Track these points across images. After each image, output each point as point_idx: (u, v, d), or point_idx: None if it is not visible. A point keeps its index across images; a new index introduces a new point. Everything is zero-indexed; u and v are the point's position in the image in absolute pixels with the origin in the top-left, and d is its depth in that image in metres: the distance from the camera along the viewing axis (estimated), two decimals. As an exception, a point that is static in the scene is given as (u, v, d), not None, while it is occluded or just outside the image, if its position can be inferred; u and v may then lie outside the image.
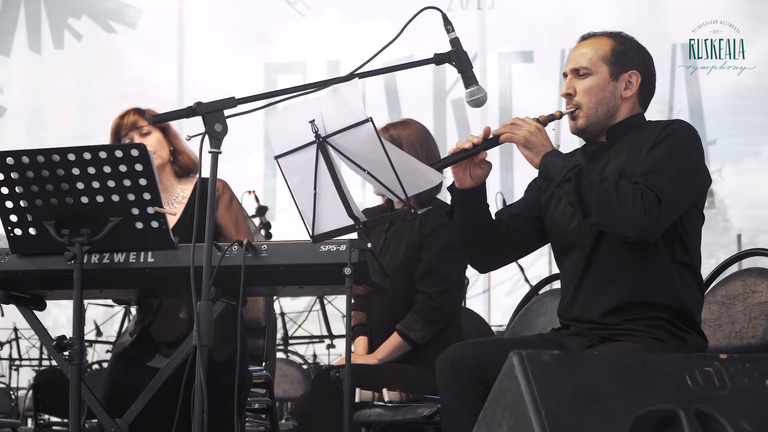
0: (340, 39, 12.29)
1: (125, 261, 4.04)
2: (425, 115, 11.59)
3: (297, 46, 12.38)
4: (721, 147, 11.53)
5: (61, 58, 12.66)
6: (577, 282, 3.66)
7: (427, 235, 4.65)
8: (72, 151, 3.88)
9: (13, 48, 12.73)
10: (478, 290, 10.94)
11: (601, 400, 2.50)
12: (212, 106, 3.32)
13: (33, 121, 12.88)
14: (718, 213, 11.76)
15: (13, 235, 4.05)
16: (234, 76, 12.39)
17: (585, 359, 2.60)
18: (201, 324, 3.28)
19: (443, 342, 4.50)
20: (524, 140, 3.56)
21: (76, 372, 3.92)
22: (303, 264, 3.88)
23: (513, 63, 11.96)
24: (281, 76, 12.25)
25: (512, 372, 2.49)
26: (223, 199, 4.71)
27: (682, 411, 2.52)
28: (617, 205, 3.40)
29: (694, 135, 3.59)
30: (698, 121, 11.33)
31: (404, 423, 4.18)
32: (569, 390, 2.49)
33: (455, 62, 3.56)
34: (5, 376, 10.56)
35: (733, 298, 3.92)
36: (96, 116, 12.42)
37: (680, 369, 2.60)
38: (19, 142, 12.42)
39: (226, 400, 4.15)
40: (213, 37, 12.81)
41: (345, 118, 3.40)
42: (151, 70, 13.08)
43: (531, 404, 2.43)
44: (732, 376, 2.62)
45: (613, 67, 3.70)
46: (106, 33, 12.60)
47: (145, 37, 12.98)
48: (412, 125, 4.83)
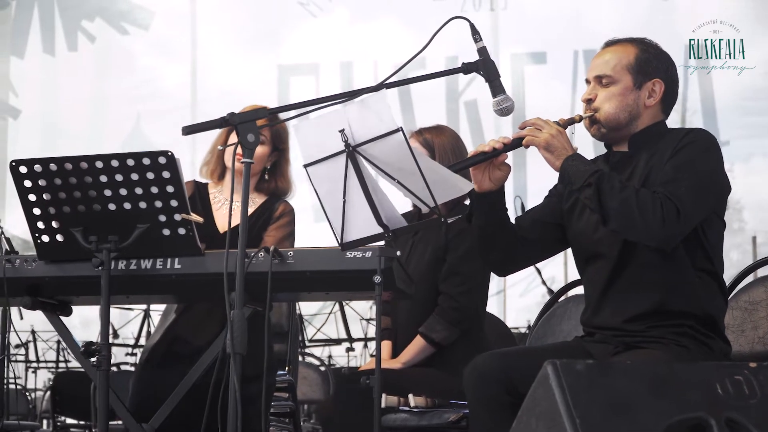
0: (351, 40, 12.33)
1: (152, 267, 4.07)
2: (438, 116, 11.63)
3: (309, 47, 12.41)
4: (733, 147, 11.55)
5: (75, 59, 12.71)
6: (602, 291, 3.68)
7: (452, 237, 4.68)
8: (100, 158, 3.91)
9: (27, 50, 12.79)
10: (492, 291, 10.93)
11: (633, 409, 2.53)
12: (245, 116, 3.35)
13: (47, 122, 12.93)
14: (732, 213, 11.78)
15: (40, 241, 4.09)
16: (246, 77, 12.43)
17: (617, 369, 2.63)
18: (235, 332, 3.31)
19: (467, 345, 4.56)
20: (545, 143, 3.58)
21: (104, 378, 3.95)
22: (329, 271, 3.91)
23: (525, 64, 12.00)
24: (294, 77, 12.29)
25: (546, 381, 2.53)
26: (280, 220, 4.74)
27: (712, 419, 2.55)
28: (637, 214, 3.42)
29: (714, 143, 3.61)
30: (711, 121, 11.36)
31: (430, 428, 4.21)
32: (602, 399, 2.52)
33: (483, 71, 3.60)
34: (21, 378, 10.61)
35: (756, 303, 3.94)
36: (109, 117, 12.49)
37: (710, 378, 2.63)
38: (32, 143, 12.47)
39: (251, 405, 4.19)
40: (225, 39, 12.85)
41: (375, 127, 3.44)
42: (163, 72, 13.13)
43: (565, 412, 2.47)
44: (762, 385, 2.66)
45: (637, 75, 3.71)
46: (119, 35, 12.65)
47: (158, 39, 13.03)
48: (445, 132, 4.88)
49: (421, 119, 11.61)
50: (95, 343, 3.99)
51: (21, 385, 10.35)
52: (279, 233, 4.71)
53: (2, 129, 12.88)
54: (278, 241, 4.65)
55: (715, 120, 11.37)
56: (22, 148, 12.53)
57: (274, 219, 4.73)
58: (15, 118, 12.85)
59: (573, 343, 3.79)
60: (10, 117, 12.85)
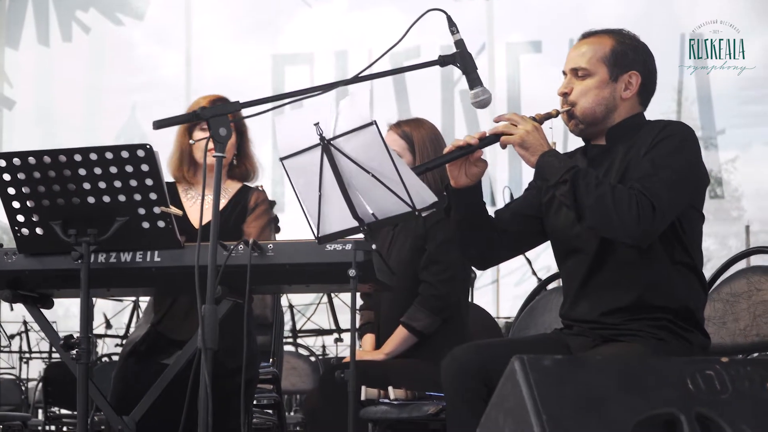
0: (347, 29, 12.30)
1: (132, 260, 4.05)
2: (433, 106, 11.62)
3: (304, 36, 12.38)
4: (730, 135, 11.52)
5: (70, 50, 12.71)
6: (581, 284, 3.66)
7: (432, 226, 4.68)
8: (78, 151, 3.90)
9: (21, 41, 12.78)
10: (487, 281, 10.95)
11: (603, 405, 2.51)
12: (217, 110, 3.34)
13: (42, 113, 12.93)
14: (730, 202, 11.76)
15: (20, 235, 4.07)
16: (241, 67, 12.41)
17: (586, 364, 2.61)
18: (206, 327, 3.29)
19: (448, 335, 4.56)
20: (521, 140, 3.54)
21: (83, 371, 3.95)
22: (309, 263, 3.90)
23: (521, 53, 11.97)
24: (288, 66, 12.27)
25: (514, 377, 2.51)
26: (256, 210, 4.74)
27: (683, 415, 2.53)
28: (613, 212, 3.39)
29: (691, 136, 3.58)
30: (707, 110, 11.33)
31: (410, 420, 4.21)
32: (571, 395, 2.50)
33: (460, 63, 3.57)
34: (15, 368, 10.61)
35: (738, 295, 3.93)
36: (105, 108, 12.48)
37: (682, 373, 2.61)
38: (28, 134, 12.48)
39: (233, 397, 4.18)
40: (220, 28, 12.82)
41: (350, 121, 3.42)
42: (158, 62, 13.12)
43: (532, 409, 2.45)
44: (733, 380, 2.63)
45: (613, 68, 3.68)
46: (114, 25, 12.63)
47: (153, 29, 13.02)
48: (424, 125, 4.85)
49: (416, 108, 11.60)
50: (74, 337, 3.99)
51: (15, 376, 10.37)
52: (259, 223, 4.71)
53: (-3, 120, 12.90)
54: (260, 230, 4.66)
55: (711, 108, 11.33)
56: (18, 139, 12.54)
57: (250, 210, 4.74)
58: (10, 109, 12.84)
59: (552, 335, 3.78)
60: (5, 108, 12.85)
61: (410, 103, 11.75)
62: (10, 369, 10.71)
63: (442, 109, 11.67)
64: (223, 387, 4.23)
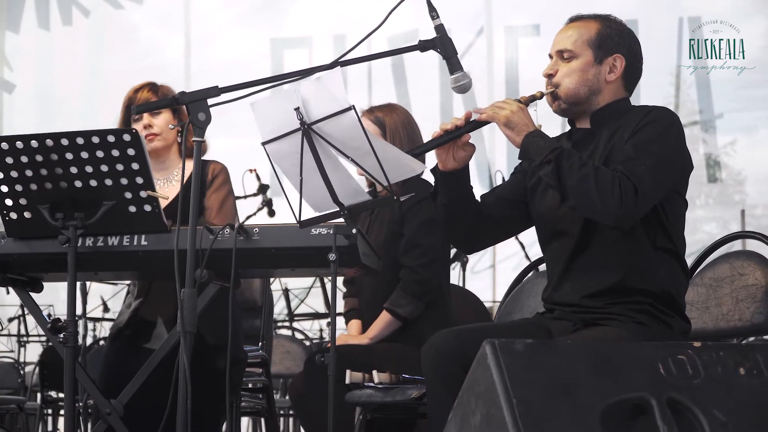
0: (346, 13, 12.27)
1: (119, 244, 4.09)
2: (432, 89, 11.60)
3: (304, 20, 12.37)
4: (730, 120, 11.51)
5: (70, 34, 12.68)
6: (564, 267, 3.68)
7: (407, 210, 4.70)
8: (65, 135, 3.92)
9: (21, 25, 12.76)
10: (485, 265, 10.97)
11: (573, 389, 2.53)
12: (195, 95, 3.35)
13: (42, 97, 12.92)
14: (733, 185, 11.74)
15: (8, 218, 4.10)
16: (241, 50, 12.38)
17: (557, 348, 2.63)
18: (185, 311, 3.31)
19: (431, 317, 4.61)
20: (505, 119, 3.56)
21: (70, 354, 3.98)
22: (294, 247, 3.94)
23: (519, 36, 11.95)
24: (287, 50, 12.25)
25: (485, 361, 2.53)
26: (214, 183, 4.74)
27: (654, 399, 2.55)
28: (595, 192, 3.41)
29: (675, 121, 3.60)
30: (705, 95, 11.32)
31: (394, 404, 4.23)
32: (541, 379, 2.52)
33: (440, 48, 3.58)
34: (14, 351, 10.63)
35: (721, 280, 3.93)
36: (105, 92, 12.45)
37: (653, 357, 2.63)
38: (28, 118, 12.47)
39: (220, 381, 4.20)
40: (220, 12, 12.79)
41: (329, 105, 3.44)
42: (158, 45, 13.10)
43: (503, 393, 2.47)
44: (706, 365, 2.65)
45: (597, 50, 3.70)
46: (113, 9, 12.60)
47: (153, 12, 13.00)
48: (397, 110, 4.89)
49: (414, 93, 11.61)
50: (62, 320, 4.01)
51: (13, 359, 10.38)
52: (219, 195, 4.72)
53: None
54: (221, 203, 4.68)
55: (709, 92, 11.32)
56: (18, 122, 12.54)
57: (208, 184, 4.72)
58: (10, 92, 12.84)
59: (533, 319, 3.80)
60: (5, 92, 12.84)
61: (409, 86, 11.73)
62: (8, 353, 10.72)
63: (441, 92, 11.64)
64: (209, 369, 4.26)
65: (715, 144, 11.45)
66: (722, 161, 11.57)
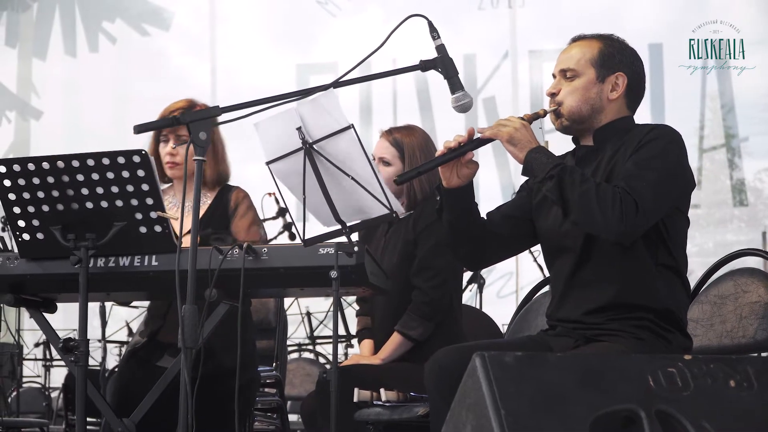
0: (371, 38, 12.33)
1: (130, 264, 4.13)
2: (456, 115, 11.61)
3: (329, 46, 12.45)
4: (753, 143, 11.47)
5: (96, 61, 12.82)
6: (566, 284, 3.71)
7: (421, 231, 4.72)
8: (76, 157, 3.97)
9: (48, 52, 12.91)
10: (510, 290, 10.97)
11: (562, 402, 2.54)
12: (197, 115, 3.40)
13: (69, 124, 13.04)
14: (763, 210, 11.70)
15: (21, 239, 4.15)
16: (267, 76, 12.48)
17: (547, 361, 2.65)
18: (186, 327, 3.35)
19: (441, 338, 4.61)
20: (508, 136, 3.61)
21: (81, 373, 4.03)
22: (302, 267, 3.96)
23: (545, 61, 11.98)
24: (313, 76, 12.32)
25: (475, 373, 2.55)
26: (239, 210, 4.79)
27: (643, 411, 2.56)
28: (597, 207, 3.44)
29: (677, 139, 3.62)
30: (731, 118, 11.31)
31: (401, 422, 4.25)
32: (530, 391, 2.54)
33: (441, 68, 3.63)
34: (40, 376, 10.70)
35: (725, 297, 3.95)
36: (132, 118, 12.44)
37: (643, 370, 2.64)
38: (55, 145, 12.54)
39: (232, 401, 4.23)
40: (246, 38, 12.90)
41: (329, 125, 3.49)
42: (185, 72, 13.21)
43: (491, 405, 2.49)
44: (695, 377, 2.66)
45: (600, 69, 3.74)
46: (140, 36, 12.74)
47: (179, 39, 13.12)
48: (415, 132, 4.90)
49: (440, 118, 11.64)
50: (74, 339, 4.05)
51: (40, 384, 10.46)
52: (245, 222, 4.77)
53: (25, 130, 13.00)
54: (248, 228, 4.71)
55: (734, 116, 11.31)
56: (46, 148, 12.62)
57: (231, 211, 4.78)
58: (37, 119, 12.97)
59: (536, 337, 3.83)
60: (32, 118, 12.98)
61: (434, 111, 11.78)
62: (35, 377, 10.80)
63: (466, 117, 11.67)
64: (222, 390, 4.29)
65: (741, 168, 11.43)
66: (752, 185, 11.55)
